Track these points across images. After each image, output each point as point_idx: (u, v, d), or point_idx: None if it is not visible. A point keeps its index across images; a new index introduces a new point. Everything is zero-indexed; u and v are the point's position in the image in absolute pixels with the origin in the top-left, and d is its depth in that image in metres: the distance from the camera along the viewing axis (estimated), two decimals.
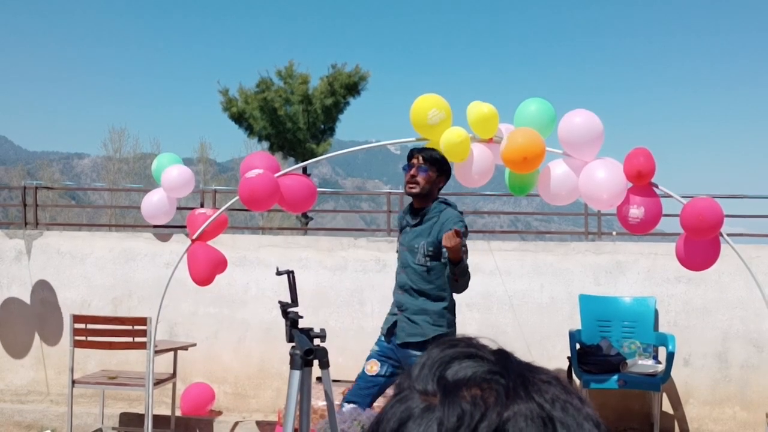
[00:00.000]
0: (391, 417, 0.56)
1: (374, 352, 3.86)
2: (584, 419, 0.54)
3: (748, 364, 5.67)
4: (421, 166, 3.71)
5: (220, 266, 4.36)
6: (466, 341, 0.59)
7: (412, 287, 3.73)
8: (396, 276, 3.88)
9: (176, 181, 4.69)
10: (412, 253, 3.73)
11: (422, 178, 3.71)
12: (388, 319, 3.86)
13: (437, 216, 3.72)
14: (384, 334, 3.85)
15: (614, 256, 5.91)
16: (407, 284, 3.75)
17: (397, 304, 3.81)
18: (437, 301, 3.73)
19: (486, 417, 0.52)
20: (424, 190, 3.72)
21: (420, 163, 3.72)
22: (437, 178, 3.76)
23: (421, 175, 3.71)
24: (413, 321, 3.72)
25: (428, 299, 3.72)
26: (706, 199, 3.85)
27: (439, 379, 0.56)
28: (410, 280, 3.73)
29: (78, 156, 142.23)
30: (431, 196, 3.77)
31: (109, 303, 6.35)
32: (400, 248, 3.86)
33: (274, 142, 19.50)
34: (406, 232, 3.82)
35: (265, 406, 6.07)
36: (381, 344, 3.85)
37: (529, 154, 3.65)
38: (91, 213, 17.11)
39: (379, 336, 3.90)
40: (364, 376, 3.79)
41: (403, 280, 3.78)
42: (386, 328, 3.83)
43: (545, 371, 0.57)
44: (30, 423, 5.85)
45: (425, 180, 3.71)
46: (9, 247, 6.55)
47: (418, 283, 3.71)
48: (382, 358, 3.80)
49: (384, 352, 3.82)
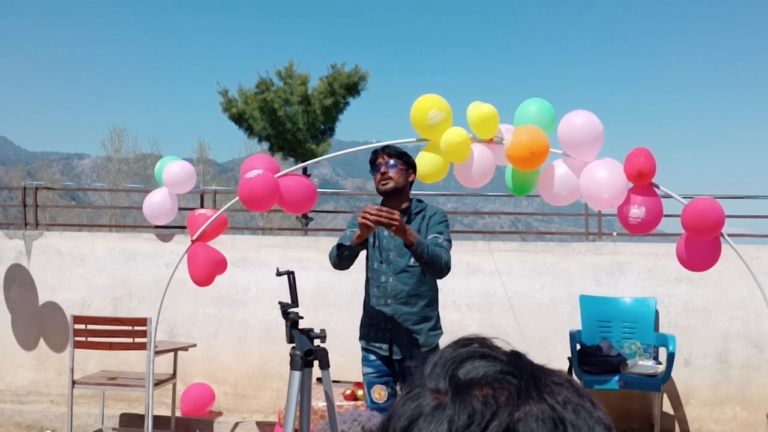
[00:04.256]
0: (402, 414, 0.55)
1: (372, 377, 3.64)
2: (596, 422, 0.54)
3: (748, 364, 5.66)
4: (388, 162, 3.64)
5: (220, 267, 4.35)
6: (479, 341, 0.59)
7: (408, 293, 3.56)
8: (377, 288, 3.63)
9: (178, 176, 4.72)
10: (404, 256, 3.55)
11: (394, 173, 3.62)
12: (378, 337, 3.62)
13: (422, 212, 3.66)
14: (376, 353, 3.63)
15: (615, 257, 5.90)
16: (402, 291, 3.56)
17: (389, 318, 3.58)
18: (433, 303, 3.64)
19: (497, 416, 0.51)
20: (398, 183, 3.63)
21: (386, 159, 3.66)
22: (407, 171, 3.69)
23: (392, 170, 3.63)
24: (415, 332, 3.56)
25: (426, 303, 3.60)
26: (707, 200, 3.85)
27: (450, 378, 0.55)
28: (405, 285, 3.56)
29: (78, 156, 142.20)
30: (405, 192, 3.68)
31: (109, 303, 6.35)
32: (384, 255, 3.61)
33: (274, 142, 19.50)
34: (385, 237, 3.61)
35: (265, 406, 6.06)
36: (375, 365, 3.64)
37: (536, 149, 3.65)
38: (91, 213, 17.12)
39: (366, 356, 3.68)
40: (377, 405, 3.63)
41: (396, 288, 3.56)
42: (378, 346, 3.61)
43: (558, 373, 0.57)
44: (30, 423, 5.85)
45: (397, 173, 3.63)
46: (9, 247, 6.55)
47: (415, 286, 3.57)
48: (384, 378, 3.62)
49: (382, 371, 3.63)
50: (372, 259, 3.68)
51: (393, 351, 3.58)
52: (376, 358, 3.64)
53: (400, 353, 3.58)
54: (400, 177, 3.64)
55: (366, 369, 3.68)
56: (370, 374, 3.66)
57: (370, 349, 3.66)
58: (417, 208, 3.69)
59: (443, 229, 3.60)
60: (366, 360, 3.68)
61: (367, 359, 3.67)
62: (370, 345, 3.66)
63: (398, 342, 3.57)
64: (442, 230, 3.59)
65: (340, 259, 3.57)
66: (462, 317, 5.95)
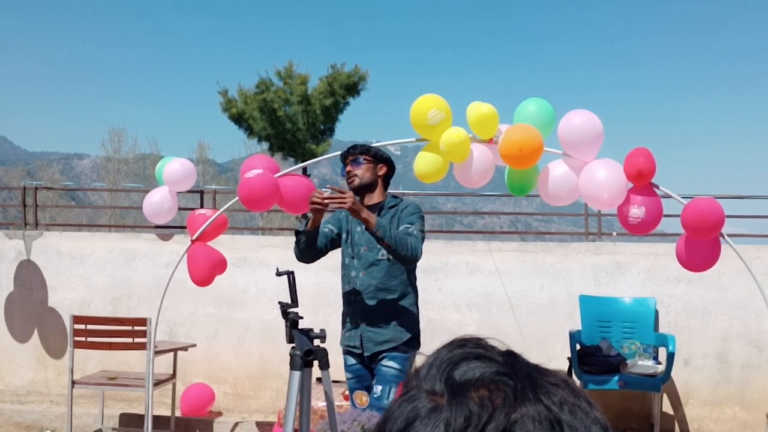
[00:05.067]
0: (398, 416, 0.55)
1: (352, 382, 3.64)
2: (592, 422, 0.54)
3: (748, 364, 5.66)
4: (354, 160, 3.64)
5: (219, 267, 4.35)
6: (474, 341, 0.59)
7: (376, 287, 3.53)
8: (348, 283, 3.64)
9: (179, 173, 4.73)
10: (373, 250, 3.55)
11: (359, 170, 3.62)
12: (351, 336, 3.61)
13: (395, 207, 3.61)
14: (349, 353, 3.63)
15: (614, 257, 5.90)
16: (371, 286, 3.53)
17: (358, 313, 3.57)
18: (404, 298, 3.57)
19: (493, 418, 0.51)
20: (365, 179, 3.62)
21: (352, 158, 3.65)
22: (375, 165, 3.66)
23: (356, 167, 3.62)
24: (382, 327, 3.52)
25: (396, 297, 3.54)
26: (706, 200, 3.85)
27: (446, 380, 0.55)
28: (374, 279, 3.53)
29: (78, 156, 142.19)
30: (376, 186, 3.65)
31: (109, 303, 6.35)
32: (355, 251, 3.61)
33: (274, 142, 19.48)
34: (357, 232, 3.61)
35: (265, 406, 6.06)
36: (353, 369, 3.64)
37: (525, 147, 3.63)
38: (90, 213, 17.12)
39: (346, 359, 3.66)
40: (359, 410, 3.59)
41: (365, 283, 3.55)
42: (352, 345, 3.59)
43: (554, 373, 0.57)
44: (30, 424, 5.85)
45: (363, 170, 3.62)
46: (9, 247, 6.55)
47: (383, 280, 3.53)
48: (364, 383, 3.60)
49: (360, 375, 3.62)
50: (344, 255, 3.69)
51: (364, 348, 3.56)
52: (354, 362, 3.63)
53: (370, 350, 3.54)
54: (366, 172, 3.63)
55: (346, 374, 3.69)
56: (350, 380, 3.67)
57: (346, 350, 3.66)
58: (391, 203, 3.65)
59: (415, 220, 3.54)
60: (345, 364, 3.68)
61: (346, 363, 3.67)
62: (345, 345, 3.66)
63: (367, 338, 3.54)
64: (414, 221, 3.53)
65: (298, 246, 3.56)
66: (462, 317, 5.95)
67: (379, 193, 3.68)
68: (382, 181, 3.70)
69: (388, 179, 3.75)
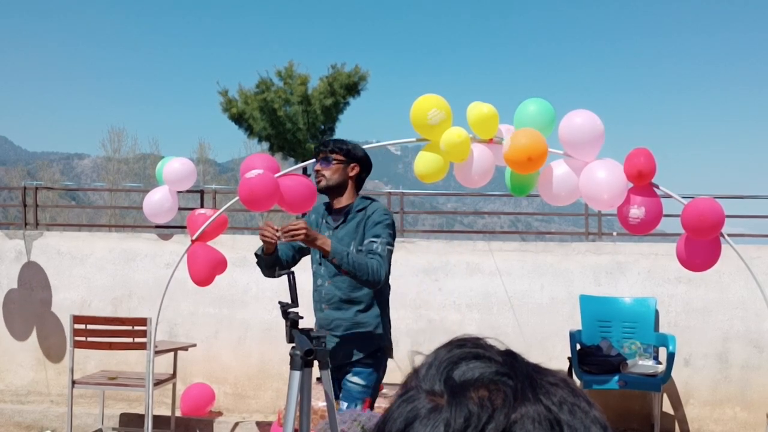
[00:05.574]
0: (398, 417, 0.55)
1: None
2: (592, 422, 0.54)
3: (748, 364, 5.66)
4: (324, 158, 3.43)
5: (220, 267, 4.35)
6: (473, 341, 0.59)
7: (341, 298, 3.34)
8: (315, 291, 3.47)
9: (179, 172, 4.73)
10: None
11: (328, 170, 3.42)
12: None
13: (362, 211, 3.37)
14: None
15: (614, 257, 5.90)
16: (335, 296, 3.35)
17: (324, 323, 3.40)
18: (369, 309, 3.35)
19: (493, 419, 0.51)
20: (332, 181, 3.41)
21: (323, 156, 3.44)
22: (347, 166, 3.43)
23: (325, 167, 3.42)
24: (346, 338, 3.35)
25: (361, 309, 3.34)
26: (707, 200, 3.85)
27: (446, 380, 0.55)
28: (339, 290, 3.34)
29: (78, 156, 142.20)
30: (345, 188, 3.43)
31: (109, 303, 6.35)
32: (321, 257, 3.33)
33: (274, 142, 19.48)
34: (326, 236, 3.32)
35: (265, 406, 6.06)
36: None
37: (534, 153, 3.64)
38: (91, 213, 17.13)
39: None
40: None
41: (330, 293, 3.37)
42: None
43: (553, 373, 0.57)
44: (30, 423, 5.85)
45: (332, 170, 3.41)
46: (9, 247, 6.55)
47: (347, 291, 3.33)
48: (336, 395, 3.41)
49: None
50: (312, 261, 3.53)
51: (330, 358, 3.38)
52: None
53: (335, 361, 3.31)
54: (335, 174, 3.42)
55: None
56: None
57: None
58: (359, 206, 3.40)
59: (380, 231, 3.28)
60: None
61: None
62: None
63: (333, 350, 3.30)
64: (380, 233, 3.27)
65: (259, 267, 3.43)
66: (462, 317, 5.95)
67: (349, 195, 3.46)
68: (353, 182, 3.48)
69: (361, 180, 3.53)
